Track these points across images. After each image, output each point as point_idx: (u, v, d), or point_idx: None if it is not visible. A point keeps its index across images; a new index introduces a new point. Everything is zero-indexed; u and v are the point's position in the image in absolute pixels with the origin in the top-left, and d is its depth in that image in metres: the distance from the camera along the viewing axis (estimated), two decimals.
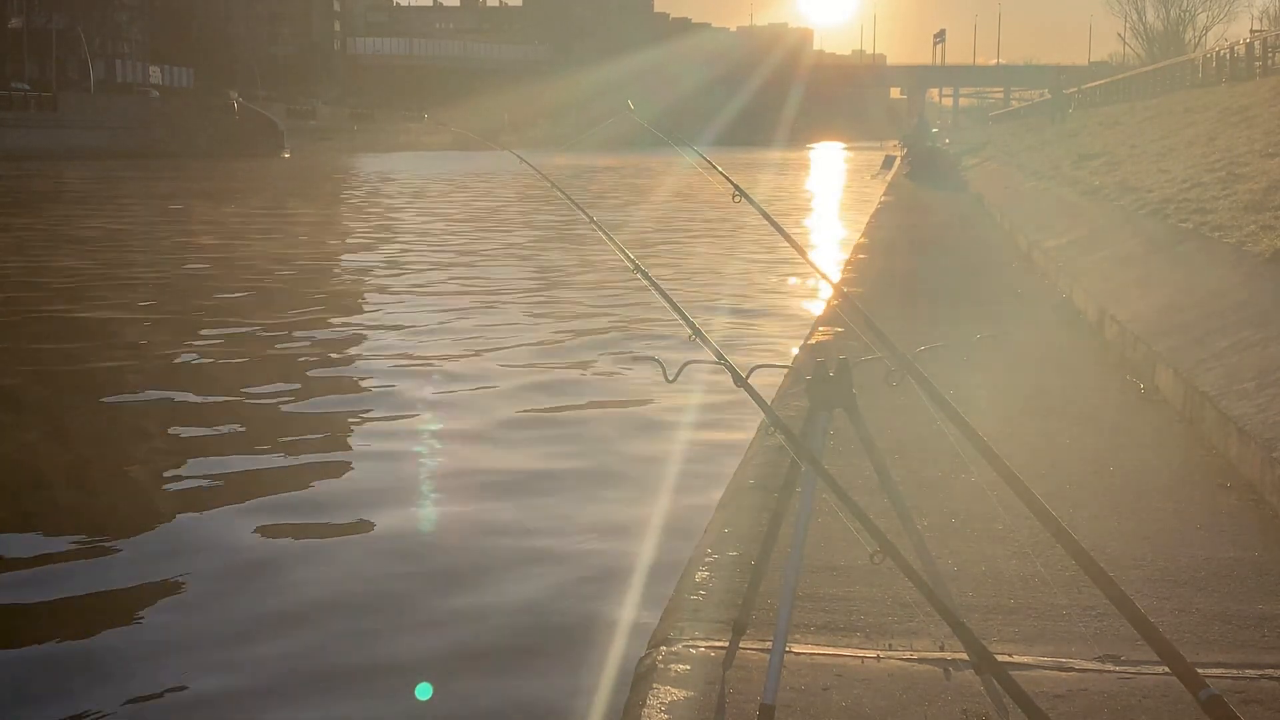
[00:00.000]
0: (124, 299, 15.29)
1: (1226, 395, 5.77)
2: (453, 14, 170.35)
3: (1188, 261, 9.53)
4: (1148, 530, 4.58)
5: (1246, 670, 3.42)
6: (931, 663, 3.47)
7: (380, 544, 6.11)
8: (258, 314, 13.87)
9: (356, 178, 55.19)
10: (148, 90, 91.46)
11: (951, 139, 56.13)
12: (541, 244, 22.96)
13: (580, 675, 4.54)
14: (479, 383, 10.06)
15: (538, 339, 12.19)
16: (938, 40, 76.28)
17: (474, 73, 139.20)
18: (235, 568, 5.80)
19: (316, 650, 4.86)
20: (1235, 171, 12.18)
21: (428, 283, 16.86)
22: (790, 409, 6.09)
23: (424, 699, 4.43)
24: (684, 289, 15.46)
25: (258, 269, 18.43)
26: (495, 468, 7.48)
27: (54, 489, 7.21)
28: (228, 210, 31.79)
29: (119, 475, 7.58)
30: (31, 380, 10.46)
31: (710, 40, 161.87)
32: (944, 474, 5.10)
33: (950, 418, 2.83)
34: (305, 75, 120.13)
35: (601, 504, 6.76)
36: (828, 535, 4.14)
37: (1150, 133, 21.05)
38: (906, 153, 40.89)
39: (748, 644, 3.47)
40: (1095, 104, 44.83)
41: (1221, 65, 33.23)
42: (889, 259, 14.39)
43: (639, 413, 8.92)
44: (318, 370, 10.67)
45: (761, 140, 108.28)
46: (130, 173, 53.36)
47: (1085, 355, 8.19)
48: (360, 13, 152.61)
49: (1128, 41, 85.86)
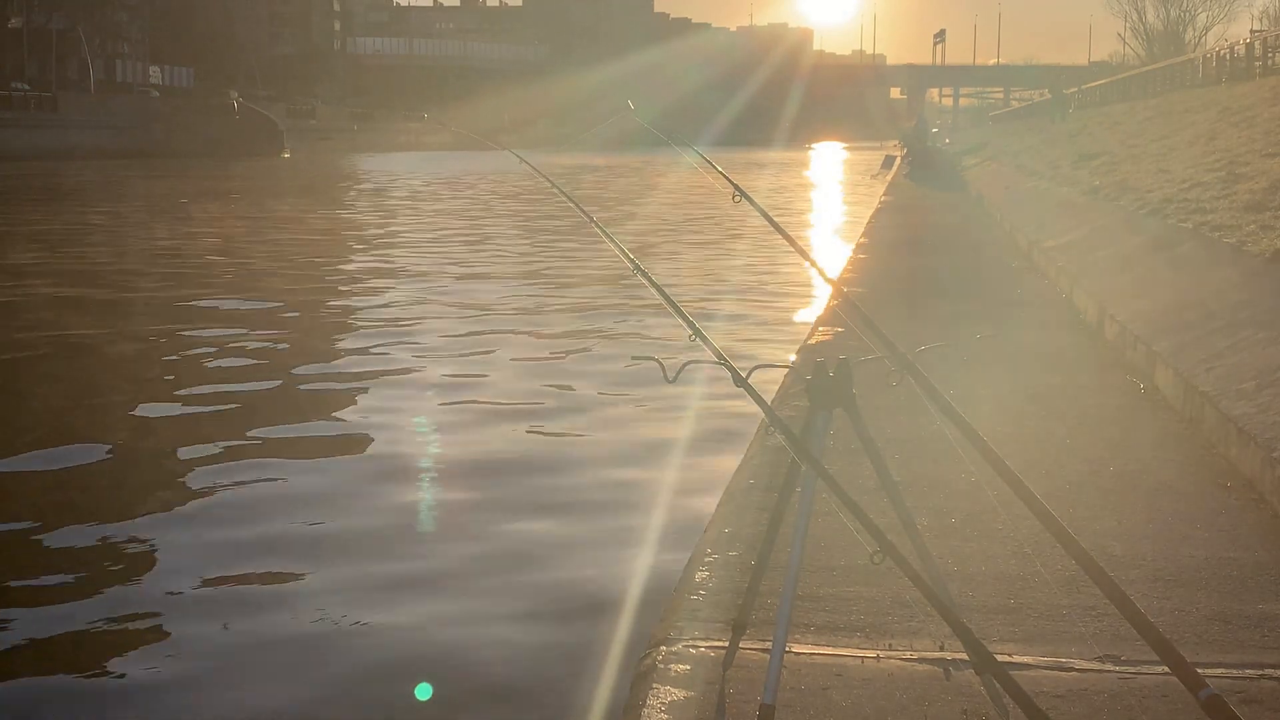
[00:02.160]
0: (103, 299, 15.30)
1: (1226, 395, 5.77)
2: (453, 14, 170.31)
3: (1188, 261, 9.53)
4: (1148, 530, 4.58)
5: (1246, 670, 3.42)
6: (931, 663, 3.47)
7: (379, 543, 6.10)
8: (257, 313, 13.87)
9: (356, 178, 55.19)
10: (148, 90, 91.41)
11: (951, 139, 56.20)
12: (541, 243, 22.95)
13: (580, 675, 4.54)
14: (477, 382, 10.06)
15: (537, 339, 12.19)
16: (938, 40, 76.45)
17: (474, 73, 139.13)
18: (229, 570, 5.80)
19: (314, 650, 4.86)
20: (1235, 171, 12.19)
21: (426, 282, 16.85)
22: (790, 409, 6.09)
23: (424, 699, 4.43)
24: (684, 289, 15.46)
25: (256, 268, 18.43)
26: (493, 466, 7.48)
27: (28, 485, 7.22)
28: (229, 209, 31.80)
29: (102, 475, 7.57)
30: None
31: (710, 40, 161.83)
32: (944, 474, 5.10)
33: (950, 418, 2.83)
34: (305, 75, 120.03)
35: (601, 504, 6.75)
36: (828, 535, 4.14)
37: (1150, 133, 21.06)
38: (906, 152, 40.85)
39: (748, 644, 3.47)
40: (1095, 104, 44.86)
41: (1221, 65, 33.26)
42: (889, 259, 14.39)
43: (639, 413, 8.92)
44: (316, 369, 10.67)
45: (762, 140, 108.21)
46: (130, 172, 53.35)
47: (1085, 355, 8.19)
48: (360, 13, 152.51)
49: (1128, 41, 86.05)
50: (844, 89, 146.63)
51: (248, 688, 4.57)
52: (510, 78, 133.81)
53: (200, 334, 12.36)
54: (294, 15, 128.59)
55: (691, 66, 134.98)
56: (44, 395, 9.91)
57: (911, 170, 36.07)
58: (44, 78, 79.72)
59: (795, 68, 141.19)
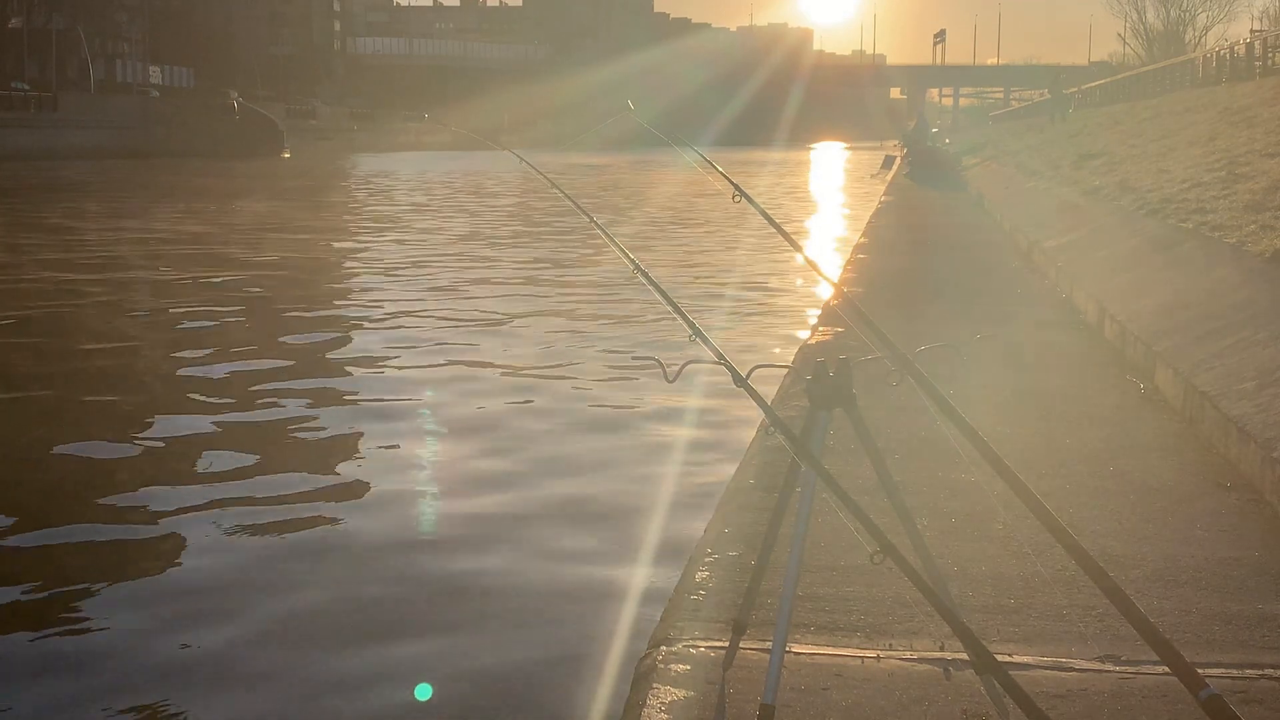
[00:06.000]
0: (108, 295, 15.30)
1: (1226, 395, 5.77)
2: (453, 14, 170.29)
3: (1188, 261, 9.53)
4: (1148, 530, 4.58)
5: (1246, 670, 3.42)
6: (931, 663, 3.47)
7: (378, 543, 6.10)
8: (254, 313, 13.87)
9: (356, 177, 55.17)
10: (148, 90, 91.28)
11: (951, 139, 56.09)
12: (540, 243, 22.95)
13: (580, 675, 4.54)
14: (477, 382, 10.06)
15: (537, 338, 12.19)
16: (938, 40, 76.35)
17: (474, 73, 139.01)
18: (229, 569, 5.80)
19: (315, 650, 4.86)
20: (1235, 171, 12.18)
21: (425, 281, 16.85)
22: (790, 409, 6.08)
23: (424, 699, 4.43)
24: (684, 289, 15.46)
25: (254, 267, 18.43)
26: (494, 467, 7.48)
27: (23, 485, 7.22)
28: (232, 208, 31.80)
29: (99, 474, 7.57)
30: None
31: (710, 40, 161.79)
32: (944, 474, 5.10)
33: (950, 418, 2.83)
34: (305, 75, 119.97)
35: (600, 503, 6.76)
36: (828, 535, 4.14)
37: (1150, 133, 21.05)
38: (906, 152, 40.83)
39: (748, 644, 3.46)
40: (1095, 104, 44.87)
41: (1221, 65, 33.26)
42: (889, 259, 14.39)
43: (639, 413, 8.92)
44: (312, 367, 10.66)
45: (762, 140, 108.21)
46: (129, 172, 53.35)
47: (1085, 355, 8.19)
48: (360, 13, 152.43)
49: (1128, 41, 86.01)
50: (844, 89, 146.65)
51: (248, 688, 4.57)
52: (510, 78, 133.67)
53: (198, 328, 12.37)
54: (294, 15, 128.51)
55: (691, 66, 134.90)
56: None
57: (911, 170, 36.05)
58: (44, 78, 79.64)
59: (795, 68, 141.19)
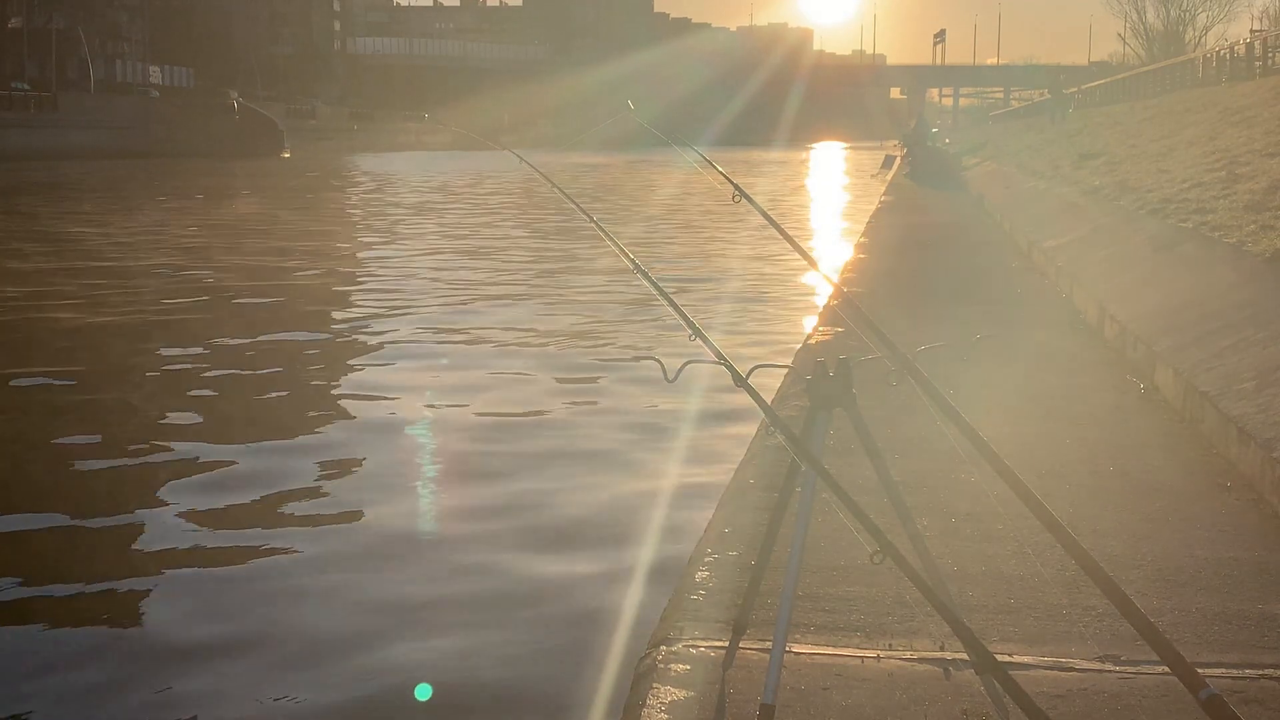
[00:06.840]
0: (98, 297, 15.31)
1: (1226, 395, 5.77)
2: (453, 14, 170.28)
3: (1188, 261, 9.53)
4: (1148, 530, 4.58)
5: (1246, 670, 3.42)
6: (931, 663, 3.47)
7: (378, 543, 6.11)
8: (252, 313, 13.87)
9: (356, 178, 55.17)
10: (148, 90, 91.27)
11: (951, 139, 56.14)
12: (540, 243, 22.96)
13: (580, 675, 4.54)
14: (477, 382, 10.06)
15: (537, 338, 12.19)
16: (938, 40, 76.46)
17: (474, 73, 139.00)
18: (227, 568, 5.80)
19: (315, 649, 4.86)
20: (1235, 171, 12.18)
21: (425, 281, 16.85)
22: (790, 409, 6.08)
23: (424, 699, 4.43)
24: (684, 289, 15.46)
25: (254, 268, 18.43)
26: (494, 466, 7.48)
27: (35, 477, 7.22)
28: (234, 208, 31.79)
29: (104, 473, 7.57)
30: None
31: (710, 40, 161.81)
32: (944, 474, 5.10)
33: (950, 418, 2.83)
34: (305, 75, 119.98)
35: (601, 503, 6.76)
36: (828, 535, 4.14)
37: (1150, 133, 21.05)
38: (906, 152, 40.82)
39: (748, 644, 3.46)
40: (1095, 104, 44.84)
41: (1221, 65, 33.25)
42: (889, 259, 14.38)
43: (639, 412, 8.92)
44: (312, 367, 10.67)
45: (762, 140, 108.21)
46: (129, 172, 53.35)
47: (1085, 355, 8.18)
48: (360, 13, 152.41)
49: (1128, 41, 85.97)
50: (844, 89, 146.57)
51: (247, 688, 4.57)
52: (510, 78, 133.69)
53: (197, 327, 12.37)
54: (294, 15, 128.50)
55: (691, 66, 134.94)
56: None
57: (912, 170, 36.05)
58: (44, 78, 79.62)
59: (795, 68, 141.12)
